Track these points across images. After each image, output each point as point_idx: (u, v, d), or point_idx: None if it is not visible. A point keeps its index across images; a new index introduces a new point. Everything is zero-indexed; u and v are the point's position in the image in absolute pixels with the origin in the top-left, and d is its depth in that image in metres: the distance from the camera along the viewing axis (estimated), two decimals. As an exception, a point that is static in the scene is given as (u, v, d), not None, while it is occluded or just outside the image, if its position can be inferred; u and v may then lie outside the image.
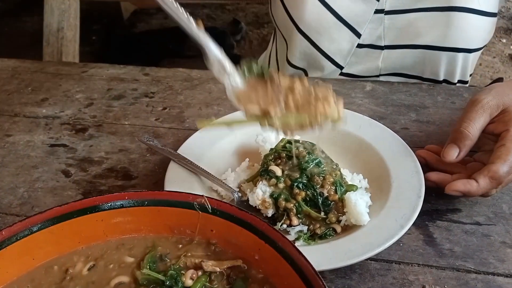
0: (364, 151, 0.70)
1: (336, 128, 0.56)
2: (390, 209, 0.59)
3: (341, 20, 0.89)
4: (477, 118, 0.62)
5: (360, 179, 0.65)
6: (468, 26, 0.87)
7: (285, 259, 0.43)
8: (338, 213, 0.60)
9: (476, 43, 0.90)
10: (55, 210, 0.48)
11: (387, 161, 0.66)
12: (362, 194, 0.62)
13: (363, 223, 0.58)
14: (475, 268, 0.56)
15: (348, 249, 0.55)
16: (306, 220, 0.61)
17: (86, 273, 0.47)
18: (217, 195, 0.65)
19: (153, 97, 0.89)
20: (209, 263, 0.46)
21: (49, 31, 1.39)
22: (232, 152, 0.72)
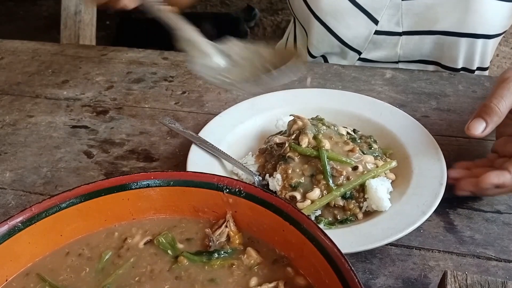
0: (384, 138, 0.69)
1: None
2: (412, 195, 0.59)
3: (358, 6, 0.88)
4: (508, 95, 0.59)
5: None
6: (487, 11, 0.85)
7: (310, 240, 0.44)
8: (358, 200, 0.60)
9: (495, 29, 0.89)
10: (83, 188, 0.48)
11: (408, 148, 0.66)
12: (383, 181, 0.61)
13: (384, 208, 0.59)
14: (495, 256, 0.56)
15: (369, 234, 0.55)
16: (325, 208, 0.60)
17: (143, 247, 0.47)
18: (237, 178, 0.66)
19: (173, 81, 0.90)
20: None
21: (67, 14, 1.39)
22: (252, 136, 0.72)
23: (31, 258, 0.48)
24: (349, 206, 0.60)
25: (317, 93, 0.78)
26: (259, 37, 2.85)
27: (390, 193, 0.61)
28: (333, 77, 0.88)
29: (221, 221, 0.48)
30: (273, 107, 0.74)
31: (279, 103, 0.75)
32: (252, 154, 0.68)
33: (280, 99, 0.76)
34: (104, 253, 0.47)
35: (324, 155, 0.60)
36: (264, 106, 0.74)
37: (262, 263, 0.46)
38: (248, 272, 0.45)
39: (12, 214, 0.45)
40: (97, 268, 0.46)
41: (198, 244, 0.47)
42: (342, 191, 0.59)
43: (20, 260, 0.47)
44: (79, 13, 1.40)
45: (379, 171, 0.61)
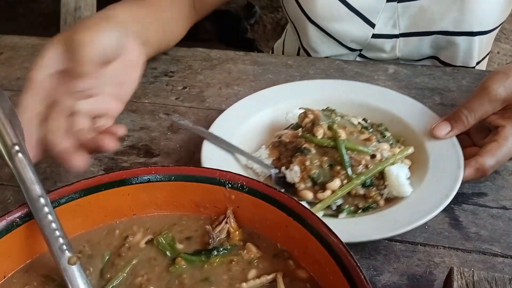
0: (395, 125, 0.69)
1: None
2: (431, 180, 0.60)
3: (353, 10, 0.88)
4: (479, 110, 0.63)
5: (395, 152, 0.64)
6: (482, 9, 0.85)
7: (314, 236, 0.43)
8: (379, 187, 0.60)
9: (490, 25, 0.89)
10: (82, 182, 0.48)
11: (420, 134, 0.66)
12: (402, 167, 0.62)
13: (405, 194, 0.59)
14: (502, 252, 0.55)
15: (395, 219, 0.55)
16: (347, 198, 0.60)
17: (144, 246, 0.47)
18: (252, 172, 0.65)
19: (173, 76, 0.89)
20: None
21: (66, 10, 1.39)
22: (262, 130, 0.71)
23: (30, 254, 0.47)
24: (370, 194, 0.60)
25: (323, 84, 0.78)
26: (259, 35, 2.84)
27: (408, 178, 0.61)
28: (336, 72, 0.87)
29: (222, 217, 0.47)
30: (281, 100, 0.74)
31: (286, 96, 0.74)
32: (265, 148, 0.67)
33: (287, 92, 0.75)
34: (105, 253, 0.46)
35: (341, 145, 0.60)
36: (271, 99, 0.74)
37: (262, 257, 0.45)
38: (247, 266, 0.44)
39: (9, 210, 0.45)
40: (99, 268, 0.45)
41: (198, 242, 0.47)
42: (362, 179, 0.59)
43: (19, 257, 0.46)
44: (79, 9, 1.39)
45: (398, 158, 0.62)
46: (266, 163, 0.64)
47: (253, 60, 0.92)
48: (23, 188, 0.45)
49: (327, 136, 0.62)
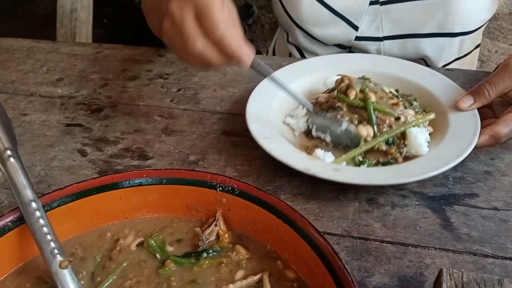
0: (424, 97, 0.75)
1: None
2: (447, 143, 0.65)
3: (337, 14, 0.89)
4: (500, 84, 0.68)
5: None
6: (466, 10, 0.86)
7: (303, 238, 0.43)
8: (399, 146, 0.67)
9: (474, 25, 0.90)
10: (74, 186, 0.48)
11: (445, 106, 0.72)
12: (422, 130, 0.68)
13: (422, 153, 0.65)
14: (492, 253, 0.55)
15: (408, 170, 0.62)
16: (370, 152, 0.67)
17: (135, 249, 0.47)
18: (288, 129, 0.73)
19: (168, 78, 0.89)
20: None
21: (63, 12, 1.38)
22: (303, 93, 0.77)
23: (23, 257, 0.48)
24: (391, 151, 0.66)
25: (361, 57, 0.86)
26: (257, 35, 2.84)
27: (428, 142, 0.67)
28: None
29: (211, 220, 0.48)
30: (322, 69, 0.81)
31: (327, 65, 0.82)
32: (303, 107, 0.73)
33: (328, 62, 0.83)
34: (97, 256, 0.47)
35: (370, 105, 0.68)
36: (313, 67, 0.82)
37: (251, 258, 0.45)
38: (235, 268, 0.44)
39: (3, 213, 0.45)
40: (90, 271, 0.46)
41: (188, 244, 0.47)
42: (385, 137, 0.66)
43: (12, 260, 0.47)
44: (75, 11, 1.39)
45: (419, 121, 0.68)
46: (306, 100, 0.72)
47: (248, 62, 0.93)
48: (15, 192, 0.46)
49: (358, 98, 0.69)
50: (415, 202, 0.62)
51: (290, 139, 0.71)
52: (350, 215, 0.61)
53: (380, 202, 0.62)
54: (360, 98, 0.69)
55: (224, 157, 0.70)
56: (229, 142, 0.73)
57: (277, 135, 0.69)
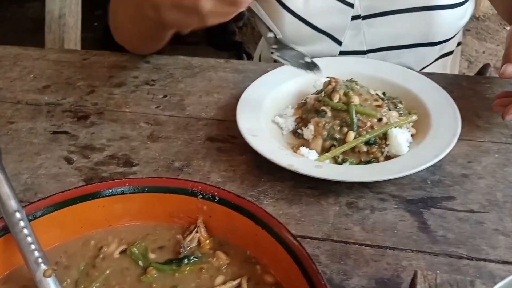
0: (410, 100, 0.77)
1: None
2: (427, 144, 0.68)
3: (320, 31, 0.91)
4: None
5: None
6: (445, 21, 0.89)
7: (281, 244, 0.45)
8: (380, 146, 0.69)
9: (454, 31, 0.93)
10: (58, 196, 0.49)
11: (429, 108, 0.74)
12: (404, 130, 0.70)
13: (402, 153, 0.68)
14: (467, 254, 0.57)
15: (387, 168, 0.65)
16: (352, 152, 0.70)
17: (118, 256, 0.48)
18: (277, 127, 0.76)
19: (154, 84, 0.90)
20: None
21: (51, 17, 1.39)
22: (293, 94, 0.80)
23: (8, 266, 0.49)
24: (372, 150, 0.69)
25: (352, 60, 0.89)
26: (247, 37, 2.85)
27: (410, 143, 0.70)
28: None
29: (193, 227, 0.49)
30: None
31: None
32: (292, 107, 0.78)
33: (319, 64, 0.84)
34: (81, 264, 0.48)
35: (352, 108, 0.70)
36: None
37: (231, 263, 0.47)
38: (216, 273, 0.46)
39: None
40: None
41: (170, 251, 0.48)
42: (367, 137, 0.69)
43: (-3, 268, 0.48)
44: (63, 17, 1.39)
45: (401, 122, 0.71)
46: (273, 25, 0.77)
47: (233, 68, 0.94)
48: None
49: (342, 101, 0.72)
50: (394, 205, 0.64)
51: (278, 137, 0.74)
52: (330, 219, 0.63)
53: (360, 205, 0.64)
54: (344, 101, 0.72)
55: (209, 163, 0.72)
56: (214, 148, 0.75)
57: (265, 133, 0.72)
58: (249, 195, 0.66)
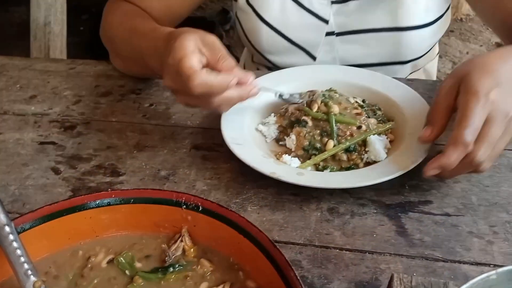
0: (389, 107, 0.80)
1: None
2: (404, 150, 0.70)
3: (295, 44, 0.94)
4: (441, 101, 0.67)
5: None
6: (414, 41, 0.91)
7: (262, 252, 0.47)
8: (360, 153, 0.72)
9: (426, 50, 0.96)
10: (46, 208, 0.51)
11: (406, 115, 0.77)
12: (382, 137, 0.73)
13: (380, 159, 0.70)
14: (442, 257, 0.60)
15: (366, 175, 0.67)
16: (332, 160, 0.73)
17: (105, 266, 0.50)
18: (261, 135, 0.78)
19: (140, 93, 0.92)
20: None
21: (36, 25, 1.39)
22: (275, 102, 0.81)
23: (0, 277, 0.50)
24: (352, 157, 0.71)
25: (333, 68, 0.91)
26: (234, 41, 2.87)
27: (388, 149, 0.73)
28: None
29: (177, 236, 0.51)
30: (294, 79, 0.86)
31: (299, 76, 0.87)
32: (274, 115, 0.79)
33: (301, 73, 0.88)
34: (69, 274, 0.49)
35: (332, 118, 0.73)
36: (285, 78, 0.86)
37: (215, 270, 0.49)
38: (200, 280, 0.48)
39: (-24, 237, 0.47)
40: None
41: (156, 260, 0.50)
42: (347, 144, 0.71)
43: (-14, 280, 0.49)
44: (48, 25, 1.40)
45: (379, 130, 0.73)
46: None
47: (218, 75, 0.96)
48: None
49: (322, 111, 0.74)
50: (373, 210, 0.66)
51: (262, 145, 0.76)
52: (312, 224, 0.65)
53: (340, 211, 0.66)
54: (324, 111, 0.74)
55: (194, 171, 0.74)
56: (199, 156, 0.76)
57: (249, 141, 0.74)
58: (234, 203, 0.68)
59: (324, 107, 0.74)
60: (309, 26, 0.92)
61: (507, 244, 0.61)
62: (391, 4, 0.88)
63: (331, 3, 0.90)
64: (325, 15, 0.91)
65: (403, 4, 0.88)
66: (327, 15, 0.91)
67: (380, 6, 0.89)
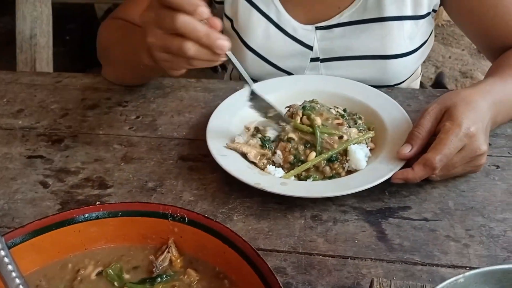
0: (370, 115, 0.83)
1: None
2: (384, 158, 0.73)
3: (280, 69, 0.96)
4: (425, 123, 0.72)
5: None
6: (398, 68, 0.94)
7: (246, 261, 0.49)
8: (342, 162, 0.74)
9: (410, 73, 0.99)
10: (35, 223, 0.52)
11: (386, 123, 0.80)
12: (362, 146, 0.75)
13: (361, 167, 0.73)
14: (421, 261, 0.62)
15: (347, 183, 0.70)
16: (315, 170, 0.75)
17: (94, 278, 0.51)
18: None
19: (127, 106, 0.93)
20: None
21: (22, 38, 1.40)
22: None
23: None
24: (334, 166, 0.74)
25: (316, 78, 0.94)
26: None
27: (368, 157, 0.75)
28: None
29: (164, 247, 0.52)
30: (278, 89, 0.89)
31: (283, 86, 0.90)
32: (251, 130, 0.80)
33: (284, 83, 0.91)
34: (60, 287, 0.51)
35: (317, 131, 0.75)
36: (270, 88, 0.87)
37: (201, 279, 0.50)
38: (187, 289, 0.50)
39: (-33, 253, 0.48)
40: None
41: (144, 271, 0.52)
42: (329, 154, 0.73)
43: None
44: (34, 37, 1.41)
45: (359, 139, 0.76)
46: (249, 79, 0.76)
47: (204, 87, 0.98)
48: None
49: (306, 123, 0.76)
50: (355, 216, 0.69)
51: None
52: (296, 232, 0.67)
53: (323, 218, 0.69)
54: (307, 124, 0.76)
55: (181, 182, 0.75)
56: (186, 167, 0.78)
57: (234, 152, 0.76)
58: (220, 212, 0.70)
59: (306, 119, 0.77)
60: (294, 52, 0.94)
61: (482, 247, 0.64)
62: (376, 32, 0.90)
63: (315, 29, 0.93)
64: (309, 41, 0.93)
65: (387, 32, 0.90)
66: (311, 41, 0.93)
67: (365, 33, 0.91)
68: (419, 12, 0.91)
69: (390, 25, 0.89)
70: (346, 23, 0.91)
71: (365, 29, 0.91)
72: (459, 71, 2.94)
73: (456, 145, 0.67)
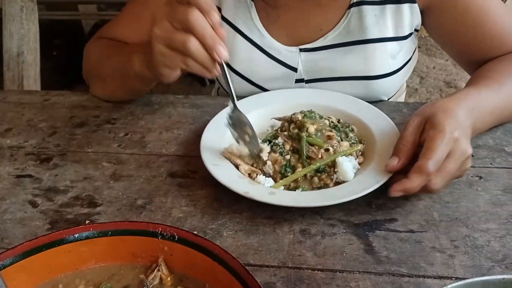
0: (361, 128, 0.85)
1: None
2: (371, 170, 0.75)
3: (266, 90, 0.98)
4: (408, 136, 0.74)
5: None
6: (385, 86, 0.96)
7: (236, 278, 0.49)
8: (330, 173, 0.76)
9: (395, 91, 1.01)
10: (25, 245, 0.52)
11: (376, 136, 0.82)
12: (350, 159, 0.77)
13: (348, 179, 0.74)
14: (408, 272, 0.63)
15: (334, 194, 0.71)
16: (304, 181, 0.77)
17: None
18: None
19: (115, 123, 0.94)
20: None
21: (9, 56, 1.40)
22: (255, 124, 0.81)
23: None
24: (322, 177, 0.76)
25: (310, 92, 0.95)
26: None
27: (357, 170, 0.77)
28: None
29: (154, 265, 0.53)
30: (273, 102, 0.91)
31: (279, 99, 0.92)
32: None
33: (278, 97, 0.93)
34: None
35: (303, 141, 0.77)
36: (264, 102, 0.91)
37: (192, 296, 0.51)
38: (177, 306, 0.50)
39: (-43, 276, 0.48)
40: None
41: (135, 290, 0.52)
42: (317, 165, 0.75)
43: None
44: (21, 55, 1.41)
45: (348, 152, 0.78)
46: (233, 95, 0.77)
47: (192, 103, 0.99)
48: None
49: (297, 126, 0.78)
50: (342, 230, 0.70)
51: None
52: (285, 246, 0.68)
53: (312, 232, 0.70)
54: (298, 126, 0.79)
55: (170, 199, 0.76)
56: (175, 184, 0.79)
57: (226, 162, 0.77)
58: (210, 229, 0.71)
59: (293, 129, 0.79)
60: (279, 74, 0.96)
61: (467, 257, 0.65)
62: (360, 53, 0.92)
63: (299, 50, 0.94)
64: (293, 63, 0.95)
65: (371, 54, 0.92)
66: (295, 63, 0.95)
67: (349, 55, 0.93)
68: (401, 34, 0.93)
69: (373, 47, 0.91)
70: (330, 45, 0.93)
71: (349, 51, 0.92)
72: (443, 81, 2.99)
73: (444, 149, 0.68)
